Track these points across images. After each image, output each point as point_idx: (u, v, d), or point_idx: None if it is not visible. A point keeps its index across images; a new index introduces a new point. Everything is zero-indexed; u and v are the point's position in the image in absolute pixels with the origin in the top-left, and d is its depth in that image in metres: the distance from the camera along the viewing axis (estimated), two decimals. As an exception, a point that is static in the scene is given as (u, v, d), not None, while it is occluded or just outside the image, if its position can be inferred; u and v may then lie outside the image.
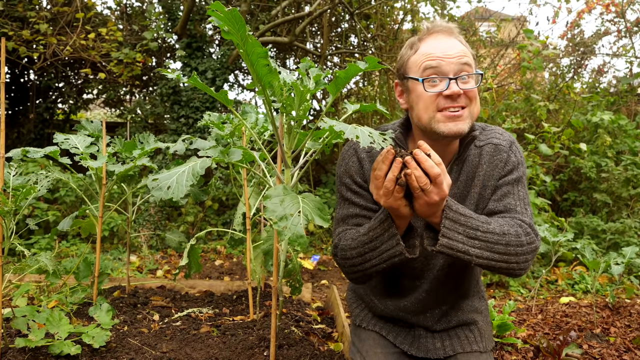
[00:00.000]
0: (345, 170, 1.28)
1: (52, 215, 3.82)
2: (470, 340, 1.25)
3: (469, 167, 1.21)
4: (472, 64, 1.13)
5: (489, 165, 1.20)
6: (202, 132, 4.71)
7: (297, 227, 0.92)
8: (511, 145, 1.22)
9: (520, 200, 1.19)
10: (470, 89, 1.11)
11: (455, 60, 1.10)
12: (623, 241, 3.66)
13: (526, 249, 1.08)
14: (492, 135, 1.23)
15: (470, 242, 1.02)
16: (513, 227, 1.09)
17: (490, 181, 1.20)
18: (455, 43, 1.13)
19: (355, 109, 1.35)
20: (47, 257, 1.48)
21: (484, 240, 1.03)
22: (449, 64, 1.10)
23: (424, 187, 0.95)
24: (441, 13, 5.50)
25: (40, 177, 1.56)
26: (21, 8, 4.50)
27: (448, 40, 1.13)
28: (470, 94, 1.12)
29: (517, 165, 1.21)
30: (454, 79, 1.09)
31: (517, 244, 1.07)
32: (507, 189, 1.19)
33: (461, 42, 1.14)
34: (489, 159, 1.20)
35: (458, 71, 1.10)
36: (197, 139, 1.72)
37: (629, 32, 6.02)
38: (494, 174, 1.20)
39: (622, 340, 1.83)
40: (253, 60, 1.10)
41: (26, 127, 5.91)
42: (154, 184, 1.00)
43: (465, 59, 1.11)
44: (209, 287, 2.39)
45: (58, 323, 1.36)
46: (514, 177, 1.20)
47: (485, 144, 1.22)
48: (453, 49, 1.12)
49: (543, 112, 4.05)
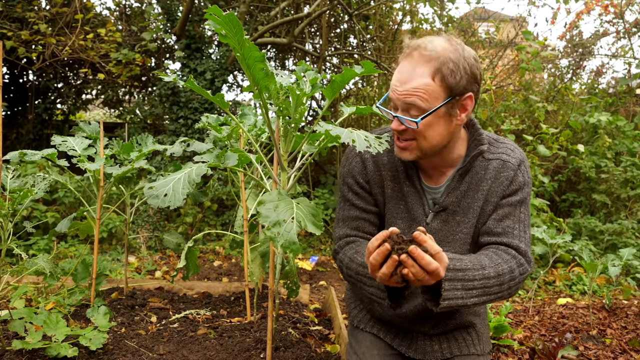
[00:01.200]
0: (348, 170, 1.28)
1: (50, 216, 3.82)
2: (468, 343, 1.25)
3: (472, 178, 1.20)
4: (424, 101, 1.06)
5: (494, 181, 1.19)
6: (201, 133, 4.71)
7: (290, 234, 0.92)
8: (520, 164, 1.20)
9: (520, 223, 1.18)
10: (412, 128, 1.08)
11: (402, 97, 1.08)
12: (621, 242, 3.67)
13: (518, 279, 1.11)
14: (503, 151, 1.21)
15: (469, 294, 1.05)
16: (507, 263, 1.10)
17: (493, 197, 1.19)
18: (415, 75, 1.07)
19: (352, 111, 1.36)
20: (44, 259, 1.49)
21: (480, 288, 1.06)
22: (397, 99, 1.09)
23: (421, 279, 0.95)
24: (440, 14, 5.51)
25: (38, 179, 1.56)
26: (20, 9, 4.50)
27: (409, 72, 1.08)
28: (416, 131, 1.09)
29: (523, 186, 1.19)
30: (395, 117, 1.09)
31: (510, 280, 1.10)
32: (509, 210, 1.18)
33: (430, 72, 1.06)
34: (494, 174, 1.19)
35: (403, 108, 1.09)
36: (195, 142, 1.72)
37: (628, 33, 6.03)
38: (498, 191, 1.18)
39: (618, 341, 1.84)
40: (250, 64, 1.10)
41: (25, 128, 5.91)
42: (150, 192, 1.01)
43: (412, 99, 1.06)
44: (207, 288, 2.39)
45: (55, 325, 1.37)
46: (517, 199, 1.18)
47: (494, 159, 1.20)
48: (405, 84, 1.07)
49: (541, 114, 4.06)
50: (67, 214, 4.14)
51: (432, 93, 1.07)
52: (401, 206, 1.24)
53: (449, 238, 1.22)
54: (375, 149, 0.98)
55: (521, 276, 1.12)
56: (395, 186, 1.24)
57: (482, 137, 1.21)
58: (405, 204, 1.23)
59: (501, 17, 6.58)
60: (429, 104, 1.07)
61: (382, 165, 1.24)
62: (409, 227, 1.23)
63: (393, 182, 1.24)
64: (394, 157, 1.23)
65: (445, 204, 1.20)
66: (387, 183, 1.24)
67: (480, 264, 1.07)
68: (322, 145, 1.22)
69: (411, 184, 1.22)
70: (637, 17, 6.06)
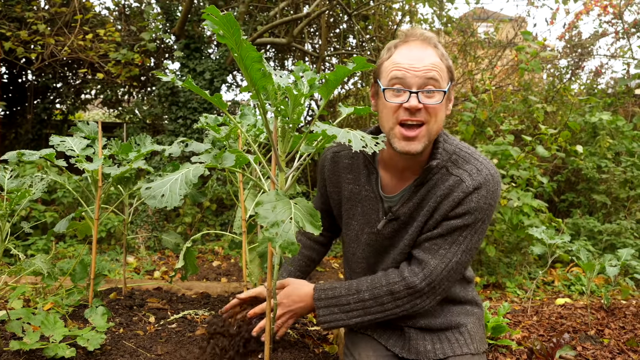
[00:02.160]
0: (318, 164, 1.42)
1: (49, 216, 3.82)
2: (461, 343, 1.26)
3: (427, 191, 1.18)
4: (440, 78, 1.09)
5: (443, 198, 1.16)
6: (200, 133, 4.71)
7: (288, 234, 0.92)
8: (478, 187, 1.13)
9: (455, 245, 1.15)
10: (432, 104, 1.08)
11: (421, 73, 1.08)
12: (619, 242, 3.68)
13: (406, 299, 1.16)
14: (467, 169, 1.16)
15: (349, 315, 1.18)
16: (389, 285, 1.16)
17: (437, 214, 1.16)
18: (427, 55, 1.09)
19: (350, 112, 1.36)
20: (42, 260, 1.49)
21: (358, 309, 1.18)
22: (413, 77, 1.08)
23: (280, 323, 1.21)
24: (439, 14, 5.51)
25: (36, 179, 1.56)
26: (19, 9, 4.50)
27: (420, 51, 1.10)
28: (431, 110, 1.09)
29: (473, 212, 1.13)
30: (415, 93, 1.07)
31: (393, 299, 1.16)
32: (446, 230, 1.15)
33: (437, 54, 1.11)
34: (447, 191, 1.15)
35: (422, 85, 1.08)
36: (193, 142, 1.72)
37: (627, 33, 6.04)
38: (443, 209, 1.15)
39: (616, 342, 1.84)
40: (247, 65, 1.10)
41: (24, 128, 5.90)
42: (147, 192, 1.01)
43: (432, 74, 1.08)
44: (205, 288, 2.39)
45: (53, 326, 1.36)
46: (461, 223, 1.14)
47: (454, 176, 1.17)
48: (421, 61, 1.08)
49: (540, 114, 4.07)
50: (66, 214, 4.14)
51: (442, 72, 1.11)
52: (358, 208, 1.27)
53: (396, 244, 1.25)
54: (372, 148, 0.98)
55: (410, 296, 1.16)
56: (354, 188, 1.28)
57: (437, 150, 1.17)
58: (362, 206, 1.27)
59: (500, 17, 6.59)
60: (442, 82, 1.11)
61: (343, 167, 1.31)
62: (361, 229, 1.29)
63: (353, 185, 1.28)
64: (357, 161, 1.27)
65: (398, 213, 1.21)
66: (345, 185, 1.30)
67: (357, 289, 1.19)
68: (319, 146, 1.22)
69: (370, 189, 1.25)
70: (636, 18, 6.07)
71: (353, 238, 1.31)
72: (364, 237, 1.28)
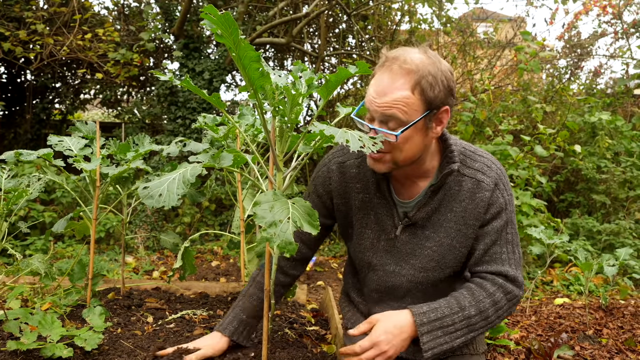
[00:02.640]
0: (314, 177, 1.34)
1: (48, 216, 3.81)
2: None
3: (445, 195, 1.18)
4: (404, 114, 1.05)
5: (469, 203, 1.16)
6: (199, 133, 4.71)
7: (286, 234, 0.92)
8: (497, 183, 1.16)
9: (508, 245, 1.17)
10: (389, 140, 1.07)
11: (380, 110, 1.07)
12: (618, 242, 3.68)
13: (507, 306, 1.14)
14: (479, 168, 1.17)
15: (453, 336, 1.09)
16: (491, 296, 1.12)
17: (471, 219, 1.16)
18: (395, 87, 1.06)
19: (348, 112, 1.36)
20: (39, 260, 1.48)
21: (464, 328, 1.10)
22: (374, 111, 1.08)
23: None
24: (438, 14, 5.52)
25: (33, 179, 1.56)
26: (18, 8, 4.49)
27: (388, 83, 1.06)
28: (393, 143, 1.08)
29: (505, 207, 1.17)
30: (373, 128, 1.08)
31: (496, 310, 1.12)
32: (495, 237, 1.16)
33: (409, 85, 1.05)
34: (469, 195, 1.16)
35: (382, 120, 1.08)
36: (191, 142, 1.72)
37: (626, 33, 6.04)
38: (475, 213, 1.16)
39: (614, 341, 1.84)
40: (245, 64, 1.10)
41: (23, 128, 5.90)
42: (144, 192, 1.01)
43: (392, 112, 1.05)
44: (204, 288, 2.39)
45: (50, 326, 1.36)
46: (502, 223, 1.17)
47: (469, 177, 1.17)
48: (383, 96, 1.06)
49: (539, 114, 4.07)
50: (64, 214, 4.14)
51: (411, 106, 1.06)
52: (371, 216, 1.24)
53: (416, 252, 1.22)
54: (369, 148, 0.97)
55: (509, 302, 1.15)
56: (365, 197, 1.24)
57: (453, 154, 1.17)
58: (375, 214, 1.23)
59: (499, 17, 6.59)
60: (408, 116, 1.07)
61: (350, 177, 1.26)
62: (377, 237, 1.25)
63: (363, 194, 1.24)
64: (365, 169, 1.23)
65: (415, 218, 1.20)
66: (354, 195, 1.25)
67: (460, 306, 1.11)
68: (317, 146, 1.21)
69: (382, 196, 1.22)
70: (635, 18, 6.07)
71: (368, 246, 1.27)
72: (381, 244, 1.25)
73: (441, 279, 1.23)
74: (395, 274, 1.25)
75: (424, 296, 1.25)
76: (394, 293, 1.27)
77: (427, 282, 1.23)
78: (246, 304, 1.34)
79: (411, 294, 1.25)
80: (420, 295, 1.25)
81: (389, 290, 1.27)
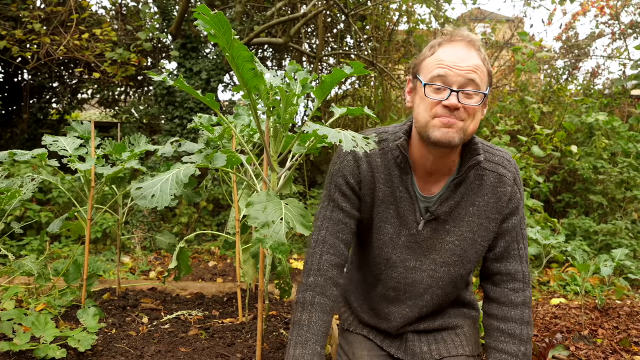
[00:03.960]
0: (339, 168, 1.22)
1: (44, 216, 3.80)
2: (457, 344, 1.25)
3: (467, 188, 1.19)
4: (480, 81, 1.10)
5: (491, 197, 1.19)
6: (196, 133, 4.70)
7: (278, 235, 0.92)
8: (515, 178, 1.21)
9: (525, 240, 1.23)
10: (471, 105, 1.09)
11: (464, 73, 1.08)
12: (615, 242, 3.69)
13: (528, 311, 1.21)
14: (499, 162, 1.21)
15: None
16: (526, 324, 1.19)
17: (493, 213, 1.19)
18: (471, 56, 1.11)
19: (343, 112, 1.35)
20: (31, 261, 1.48)
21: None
22: (455, 75, 1.08)
23: None
24: (437, 14, 5.52)
25: (26, 179, 1.55)
26: (14, 7, 4.48)
27: (464, 52, 1.11)
28: (470, 110, 1.10)
29: (520, 202, 1.22)
30: (455, 92, 1.08)
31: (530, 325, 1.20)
32: (513, 234, 1.21)
33: (480, 57, 1.12)
34: (491, 189, 1.19)
35: (463, 84, 1.09)
36: (186, 142, 1.72)
37: (623, 34, 6.06)
38: (497, 207, 1.19)
39: (609, 341, 1.84)
40: (239, 64, 1.10)
41: (20, 127, 5.88)
42: (137, 192, 1.00)
43: (474, 75, 1.09)
44: (200, 289, 2.38)
45: (44, 326, 1.36)
46: (519, 218, 1.22)
47: (491, 171, 1.20)
48: (465, 61, 1.09)
49: (535, 115, 4.07)
50: (60, 214, 4.13)
51: (483, 75, 1.11)
52: (391, 211, 1.21)
53: (437, 246, 1.21)
54: (362, 148, 0.97)
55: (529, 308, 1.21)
56: (387, 190, 1.21)
57: (477, 145, 1.19)
58: (396, 208, 1.21)
59: (497, 17, 6.60)
60: (482, 86, 1.11)
61: (376, 166, 1.21)
62: (397, 232, 1.22)
63: (385, 186, 1.21)
64: (388, 160, 1.21)
65: (437, 212, 1.19)
66: (379, 186, 1.21)
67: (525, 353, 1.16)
68: (311, 146, 1.21)
69: (405, 189, 1.20)
70: (632, 19, 6.09)
71: (387, 242, 1.23)
72: (401, 240, 1.22)
73: (461, 274, 1.23)
74: (416, 270, 1.23)
75: (443, 293, 1.25)
76: (412, 290, 1.25)
77: (447, 278, 1.23)
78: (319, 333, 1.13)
79: (430, 291, 1.24)
80: (440, 293, 1.25)
81: (407, 288, 1.25)
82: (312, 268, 1.17)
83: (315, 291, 1.15)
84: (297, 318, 1.13)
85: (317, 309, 1.13)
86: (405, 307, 1.26)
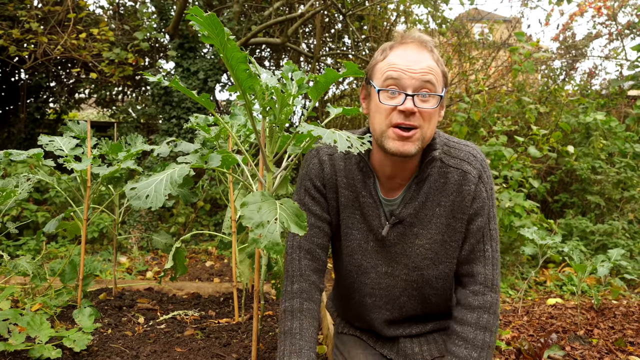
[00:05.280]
0: (306, 172, 1.23)
1: (41, 216, 3.79)
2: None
3: (431, 187, 1.15)
4: (436, 82, 1.07)
5: (457, 195, 1.14)
6: (193, 133, 4.69)
7: (273, 235, 0.92)
8: (480, 176, 1.15)
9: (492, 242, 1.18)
10: (427, 109, 1.05)
11: (418, 76, 1.05)
12: (611, 242, 3.70)
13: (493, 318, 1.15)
14: (464, 158, 1.15)
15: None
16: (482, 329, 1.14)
17: (459, 213, 1.15)
18: (423, 57, 1.07)
19: (338, 112, 1.36)
20: (27, 261, 1.47)
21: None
22: (409, 79, 1.05)
23: None
24: (434, 15, 5.53)
25: (22, 179, 1.55)
26: (11, 7, 4.46)
27: (417, 54, 1.07)
28: (426, 115, 1.06)
29: (486, 201, 1.15)
30: (411, 96, 1.05)
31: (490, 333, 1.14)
32: (478, 236, 1.16)
33: (433, 58, 1.08)
34: (456, 188, 1.14)
35: (418, 88, 1.05)
36: (182, 142, 1.72)
37: (620, 35, 6.08)
38: (462, 206, 1.15)
39: (605, 342, 1.85)
40: (233, 65, 1.10)
41: (17, 127, 5.86)
42: (132, 193, 1.00)
43: (429, 77, 1.06)
44: (196, 289, 2.38)
45: (39, 327, 1.36)
46: (485, 219, 1.16)
47: (455, 168, 1.15)
48: (418, 64, 1.06)
49: (532, 115, 4.09)
50: (57, 213, 4.11)
51: (438, 77, 1.09)
52: (357, 216, 1.20)
53: (408, 251, 1.18)
54: (357, 149, 0.97)
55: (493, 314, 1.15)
56: (350, 194, 1.19)
57: (434, 141, 1.14)
58: (362, 213, 1.19)
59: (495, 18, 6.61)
60: (437, 88, 1.08)
61: (339, 170, 1.20)
62: (365, 238, 1.20)
63: (347, 190, 1.19)
64: (351, 164, 1.19)
65: (402, 215, 1.16)
66: (342, 190, 1.20)
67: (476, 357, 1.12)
68: (306, 146, 1.21)
69: (368, 194, 1.17)
70: (629, 19, 6.11)
71: (356, 248, 1.22)
72: (370, 245, 1.20)
73: (436, 276, 1.20)
74: (389, 275, 1.21)
75: (419, 294, 1.23)
76: (388, 295, 1.23)
77: (421, 280, 1.20)
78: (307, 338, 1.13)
79: (406, 293, 1.22)
80: (416, 294, 1.23)
81: (382, 293, 1.23)
82: (294, 274, 1.17)
83: (302, 297, 1.15)
84: (288, 327, 1.12)
85: (306, 315, 1.14)
86: (385, 312, 1.25)
